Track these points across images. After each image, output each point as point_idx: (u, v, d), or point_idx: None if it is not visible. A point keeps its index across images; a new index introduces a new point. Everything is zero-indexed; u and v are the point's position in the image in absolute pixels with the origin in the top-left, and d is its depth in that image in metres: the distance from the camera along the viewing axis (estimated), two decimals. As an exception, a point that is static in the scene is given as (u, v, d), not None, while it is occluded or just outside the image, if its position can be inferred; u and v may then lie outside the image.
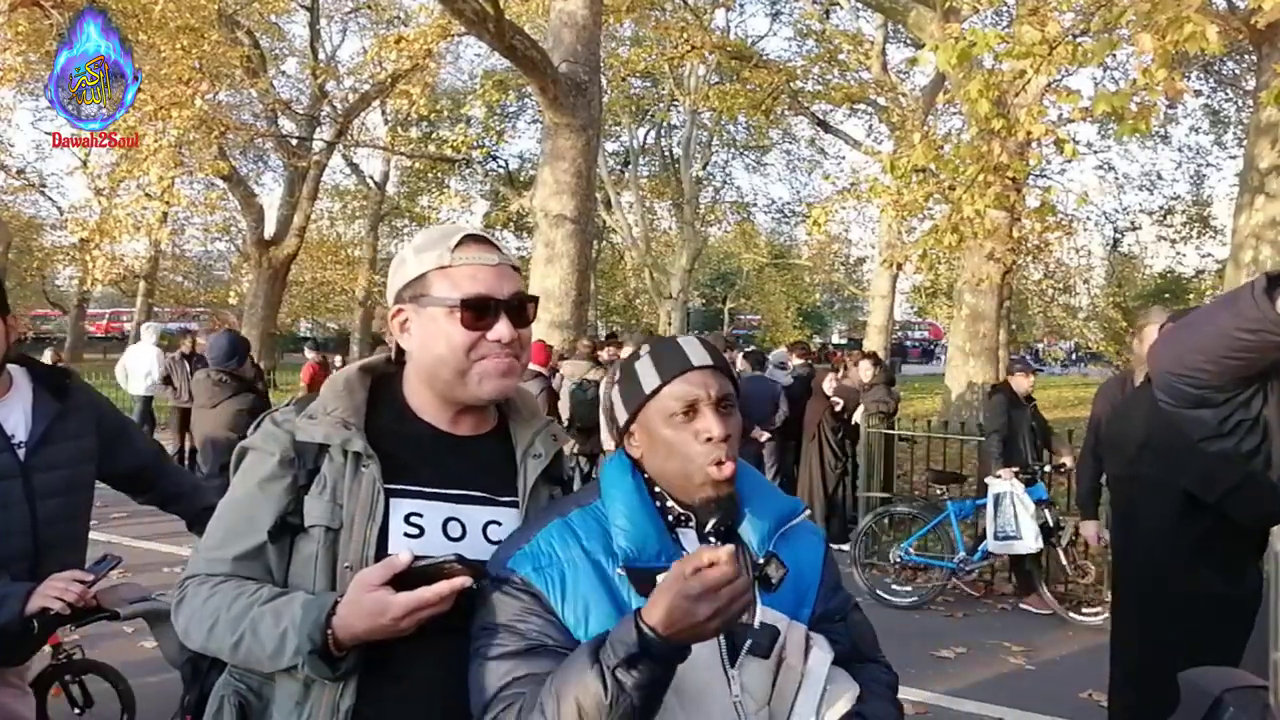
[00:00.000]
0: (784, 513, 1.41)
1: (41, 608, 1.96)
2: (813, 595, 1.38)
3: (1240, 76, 17.74)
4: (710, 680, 1.24)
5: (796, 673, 1.29)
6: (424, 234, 1.45)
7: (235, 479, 1.42)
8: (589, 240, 11.69)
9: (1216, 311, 1.37)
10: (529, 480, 1.44)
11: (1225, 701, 0.99)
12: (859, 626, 1.45)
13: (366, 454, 1.35)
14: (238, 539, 1.35)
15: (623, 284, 34.44)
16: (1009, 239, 11.30)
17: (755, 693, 1.27)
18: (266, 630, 1.27)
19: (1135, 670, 2.52)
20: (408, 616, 1.22)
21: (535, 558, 1.28)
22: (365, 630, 1.23)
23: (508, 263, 1.41)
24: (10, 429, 2.14)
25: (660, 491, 1.35)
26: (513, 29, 9.61)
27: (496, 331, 1.37)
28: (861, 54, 18.52)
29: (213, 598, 1.32)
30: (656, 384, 1.32)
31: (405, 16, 20.55)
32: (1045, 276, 23.51)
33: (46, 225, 29.54)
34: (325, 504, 1.33)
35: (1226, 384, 1.39)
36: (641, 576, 1.25)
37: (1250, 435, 1.44)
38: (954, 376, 11.83)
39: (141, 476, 2.49)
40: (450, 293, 1.36)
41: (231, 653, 1.31)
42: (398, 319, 1.42)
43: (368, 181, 29.11)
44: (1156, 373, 1.50)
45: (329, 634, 1.24)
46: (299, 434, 1.37)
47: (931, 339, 44.67)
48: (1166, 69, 5.03)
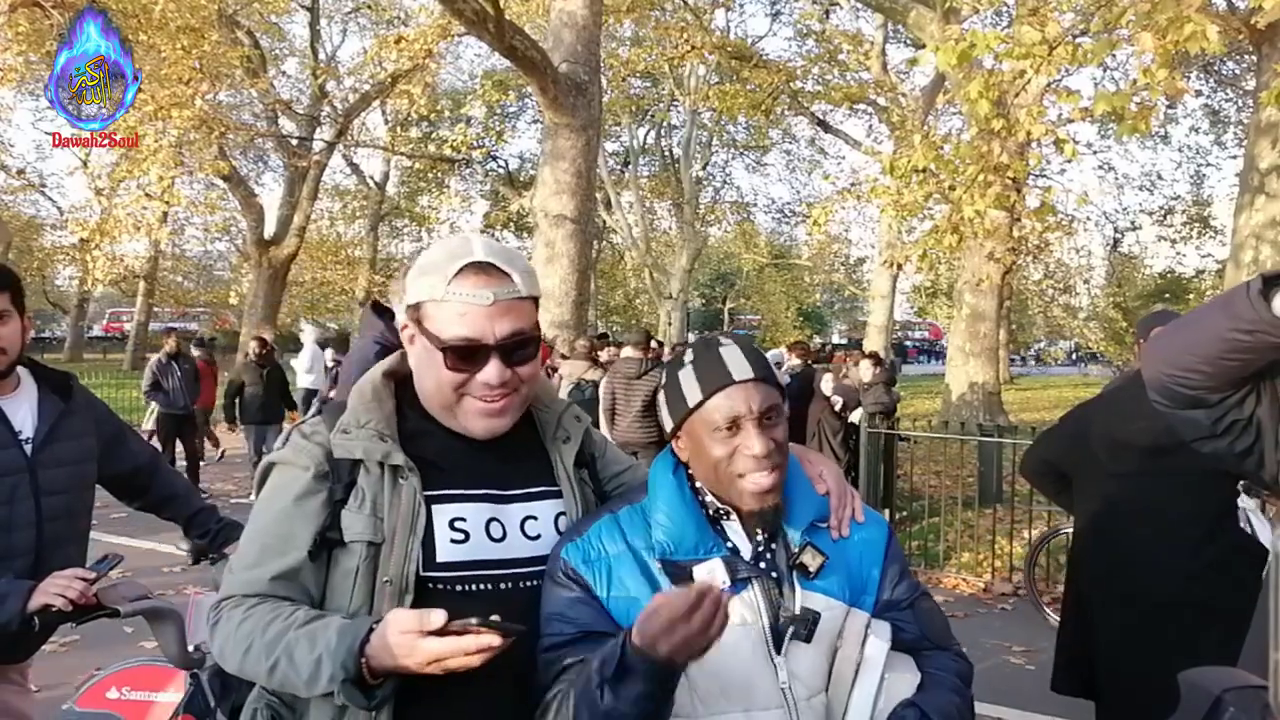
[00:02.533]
0: (824, 504, 1.43)
1: (43, 605, 1.96)
2: (875, 583, 1.40)
3: (1240, 76, 17.75)
4: (754, 668, 1.28)
5: (853, 660, 1.31)
6: (434, 249, 1.39)
7: (265, 495, 1.37)
8: (589, 240, 11.69)
9: (1211, 313, 1.37)
10: (567, 465, 1.45)
11: (1225, 701, 0.99)
12: (928, 614, 1.45)
13: (408, 467, 1.33)
14: (274, 558, 1.31)
15: (623, 284, 34.47)
16: (1009, 239, 11.31)
17: (806, 679, 1.30)
18: (301, 656, 1.23)
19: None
20: (434, 664, 1.18)
21: (585, 550, 1.34)
22: (392, 668, 1.20)
23: (510, 295, 1.33)
24: (18, 425, 2.16)
25: (700, 487, 1.39)
26: (513, 29, 9.61)
27: (485, 374, 1.32)
28: (861, 54, 18.54)
29: (246, 621, 1.29)
30: (699, 398, 1.33)
31: (405, 17, 20.57)
32: (1045, 276, 23.55)
33: (46, 225, 29.63)
34: (366, 518, 1.30)
35: (1221, 385, 1.39)
36: (678, 570, 1.30)
37: (1243, 436, 1.44)
38: (954, 376, 11.84)
39: (137, 479, 2.49)
40: (439, 330, 1.32)
41: (267, 678, 1.27)
42: (406, 332, 1.40)
43: (368, 181, 29.14)
44: (1150, 374, 1.50)
45: (363, 662, 1.20)
46: (336, 450, 1.33)
47: (931, 339, 44.69)
48: (1167, 69, 5.03)
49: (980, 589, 6.60)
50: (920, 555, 7.16)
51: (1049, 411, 18.21)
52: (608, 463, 1.56)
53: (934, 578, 6.77)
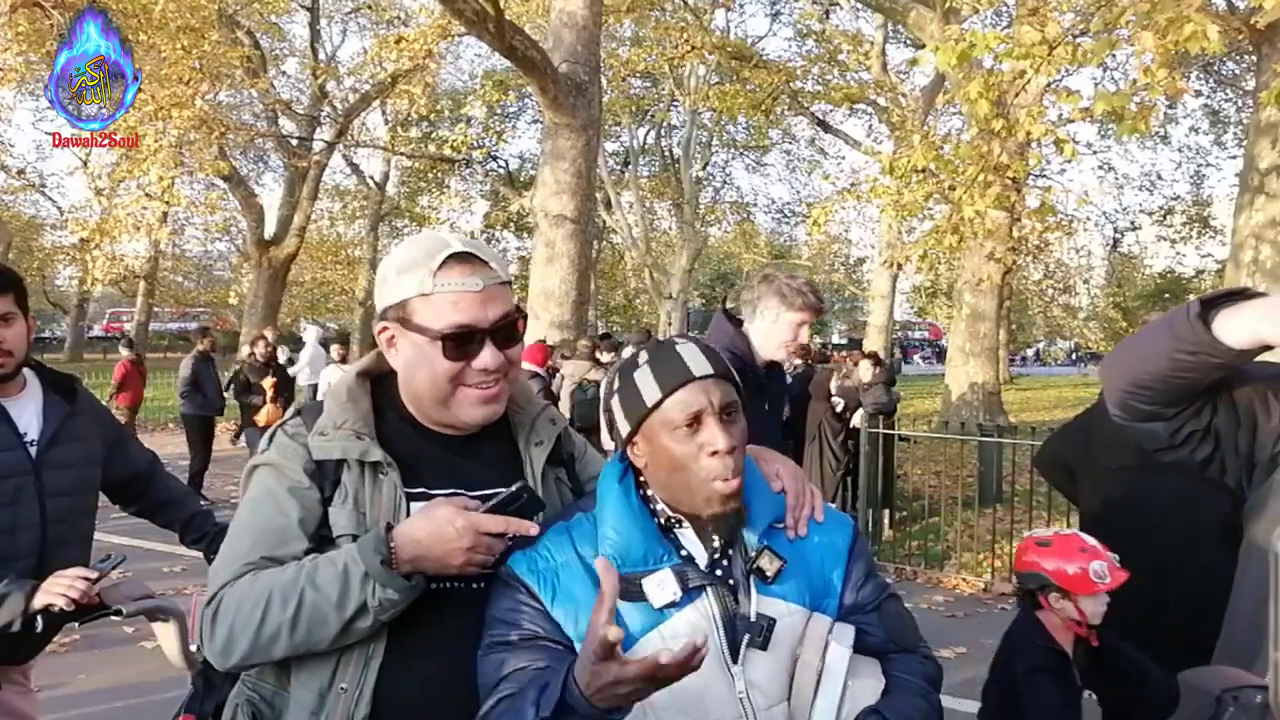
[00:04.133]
0: (781, 507, 1.40)
1: (46, 605, 1.97)
2: (836, 586, 1.37)
3: (1240, 76, 17.76)
4: (710, 679, 1.22)
5: (814, 668, 1.28)
6: (407, 249, 1.39)
7: (254, 495, 1.37)
8: (589, 240, 11.69)
9: (1158, 331, 1.40)
10: (537, 469, 1.45)
11: (1225, 701, 0.99)
12: (895, 617, 1.41)
13: (386, 462, 1.35)
14: (275, 549, 1.32)
15: (623, 284, 34.45)
16: (1009, 239, 11.32)
17: (764, 687, 1.27)
18: (325, 576, 1.25)
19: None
20: (473, 533, 1.24)
21: (533, 559, 1.32)
22: (426, 536, 1.24)
23: (494, 281, 1.36)
24: (23, 427, 2.16)
25: (651, 495, 1.35)
26: (513, 29, 9.61)
27: (481, 360, 1.34)
28: (861, 54, 18.55)
29: (258, 580, 1.29)
30: (658, 397, 1.29)
31: (405, 17, 20.57)
32: (1045, 276, 23.57)
33: (46, 225, 29.66)
34: (349, 513, 1.33)
35: (1173, 400, 1.42)
36: (626, 583, 1.25)
37: (1203, 445, 1.46)
38: (954, 376, 11.85)
39: (135, 483, 2.49)
40: (432, 322, 1.33)
41: (290, 627, 1.26)
42: (384, 335, 1.40)
43: (368, 181, 29.13)
44: (1108, 389, 1.52)
45: (391, 549, 1.24)
46: (315, 452, 1.35)
47: (931, 339, 44.71)
48: (1167, 69, 5.04)
49: (980, 589, 6.60)
50: (920, 555, 7.17)
51: (1049, 411, 18.22)
52: (586, 464, 1.58)
53: (934, 578, 6.78)
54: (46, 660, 2.57)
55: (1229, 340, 1.28)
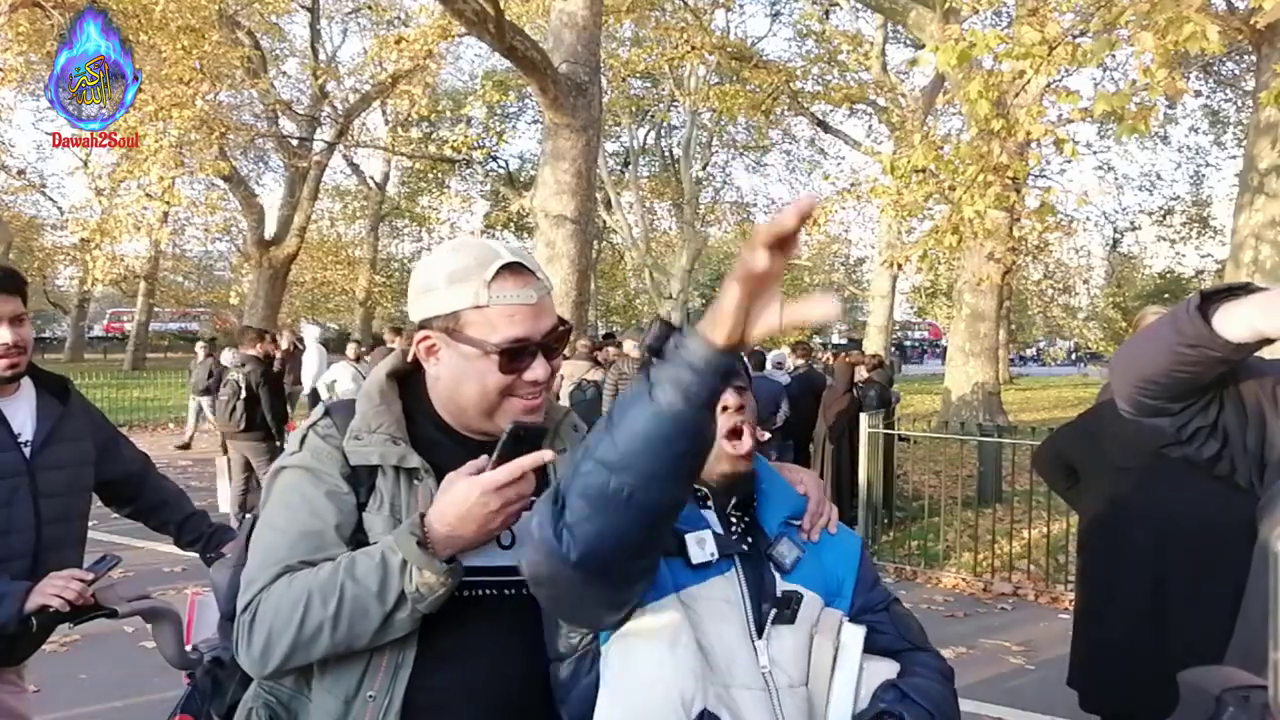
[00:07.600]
0: (798, 501, 1.45)
1: (40, 605, 1.96)
2: (848, 587, 1.42)
3: (1240, 76, 17.77)
4: (736, 651, 1.27)
5: (830, 647, 1.31)
6: (454, 257, 1.34)
7: (287, 498, 1.34)
8: (589, 240, 11.68)
9: (1163, 326, 1.41)
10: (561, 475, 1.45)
11: (1225, 701, 0.99)
12: (904, 618, 1.46)
13: (423, 469, 1.34)
14: (313, 554, 1.29)
15: (623, 284, 34.48)
16: (1009, 239, 11.32)
17: (786, 666, 1.29)
18: (364, 567, 1.24)
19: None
20: (494, 493, 1.23)
21: None
22: (455, 517, 1.23)
23: (544, 292, 1.35)
24: (17, 428, 2.16)
25: None
26: (513, 29, 9.61)
27: (532, 373, 1.33)
28: (861, 54, 18.56)
29: (296, 582, 1.26)
30: None
31: (405, 17, 20.57)
32: (1045, 276, 23.55)
33: (46, 225, 29.64)
34: (385, 519, 1.31)
35: (1178, 395, 1.42)
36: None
37: (1210, 441, 1.46)
38: (954, 376, 11.85)
39: (127, 485, 2.48)
40: (488, 335, 1.30)
41: (333, 624, 1.23)
42: (424, 344, 1.37)
43: (368, 182, 29.16)
44: (1116, 384, 1.53)
45: (425, 534, 1.23)
46: (351, 457, 1.34)
47: (932, 339, 44.73)
48: (1166, 69, 5.04)
49: (980, 589, 6.60)
50: (920, 555, 7.16)
51: (1049, 411, 18.22)
52: None
53: (934, 578, 6.77)
54: (46, 660, 2.56)
55: (1227, 334, 1.29)
